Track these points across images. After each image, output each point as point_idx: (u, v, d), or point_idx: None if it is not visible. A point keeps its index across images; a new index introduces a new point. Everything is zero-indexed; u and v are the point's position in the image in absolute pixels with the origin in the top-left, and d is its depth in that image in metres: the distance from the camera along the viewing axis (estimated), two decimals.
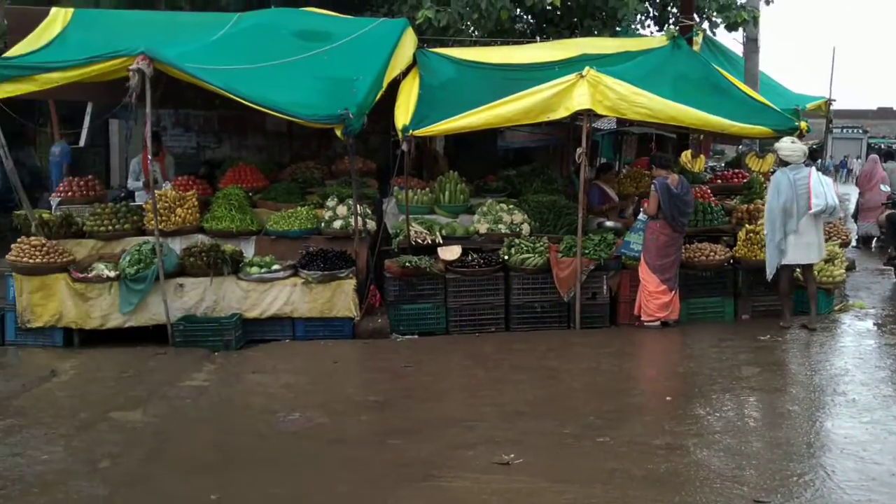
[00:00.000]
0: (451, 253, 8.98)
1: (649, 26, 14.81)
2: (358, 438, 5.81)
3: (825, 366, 7.45)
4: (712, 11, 12.82)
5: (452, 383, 7.37)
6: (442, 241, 9.17)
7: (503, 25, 11.87)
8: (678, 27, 11.19)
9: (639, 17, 14.10)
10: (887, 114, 54.79)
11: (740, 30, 12.59)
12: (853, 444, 5.40)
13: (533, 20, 14.10)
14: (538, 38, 13.42)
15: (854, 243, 13.82)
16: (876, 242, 15.14)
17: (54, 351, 8.30)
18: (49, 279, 8.32)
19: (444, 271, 8.86)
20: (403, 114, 8.67)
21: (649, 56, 9.72)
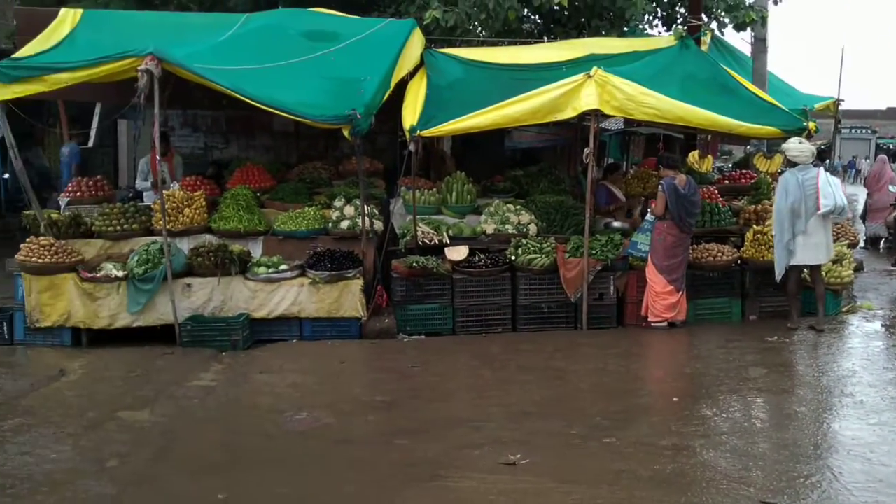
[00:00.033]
0: (458, 253, 8.99)
1: (657, 26, 14.80)
2: (365, 438, 5.82)
3: (833, 367, 7.43)
4: (720, 11, 12.78)
5: (459, 384, 7.38)
6: (449, 242, 9.17)
7: (511, 25, 11.86)
8: (686, 27, 11.18)
9: (647, 17, 14.08)
10: None
11: (748, 30, 12.56)
12: (860, 446, 5.39)
13: (540, 20, 14.09)
14: (546, 38, 13.41)
15: (862, 244, 13.81)
16: (884, 243, 15.12)
17: (63, 350, 8.34)
18: (58, 279, 8.35)
19: (451, 272, 8.87)
20: (411, 114, 8.67)
21: (657, 56, 9.71)
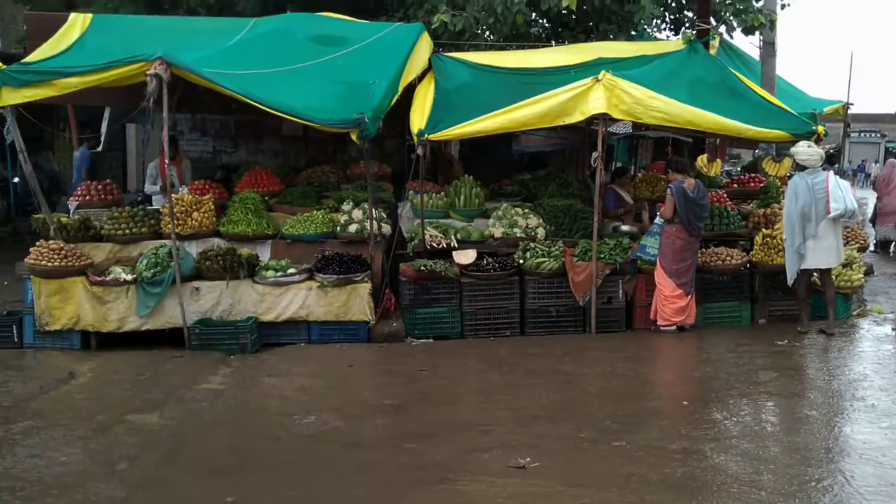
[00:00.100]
0: (466, 257, 8.98)
1: (665, 30, 14.80)
2: (373, 442, 5.81)
3: (843, 371, 7.40)
4: (729, 15, 12.77)
5: (467, 387, 7.36)
6: (457, 245, 9.16)
7: (519, 29, 11.87)
8: (695, 31, 11.16)
9: (655, 21, 14.09)
10: None
11: (757, 33, 12.54)
12: (872, 450, 5.36)
13: (549, 24, 14.11)
14: (554, 42, 13.42)
15: (872, 248, 13.74)
16: (894, 247, 15.07)
17: (72, 354, 8.36)
18: (67, 282, 8.37)
19: (459, 275, 8.86)
20: (419, 118, 8.68)
21: (665, 60, 9.69)
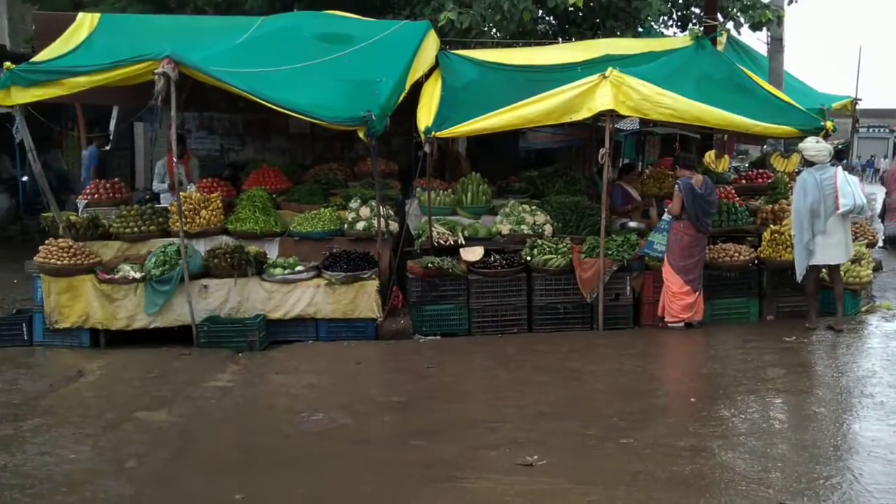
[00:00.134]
0: (473, 254, 8.98)
1: (672, 26, 14.75)
2: (381, 439, 5.83)
3: (852, 367, 7.37)
4: (736, 11, 12.72)
5: (475, 384, 7.37)
6: (464, 242, 9.16)
7: (525, 27, 11.85)
8: (702, 27, 11.12)
9: (662, 17, 14.04)
10: None
11: (764, 29, 12.49)
12: (881, 447, 5.34)
13: (555, 21, 14.07)
14: (560, 39, 13.39)
15: (881, 243, 13.68)
16: None
17: (81, 351, 8.40)
18: (76, 280, 8.41)
19: (466, 272, 8.86)
20: (426, 115, 8.68)
21: (673, 56, 9.67)
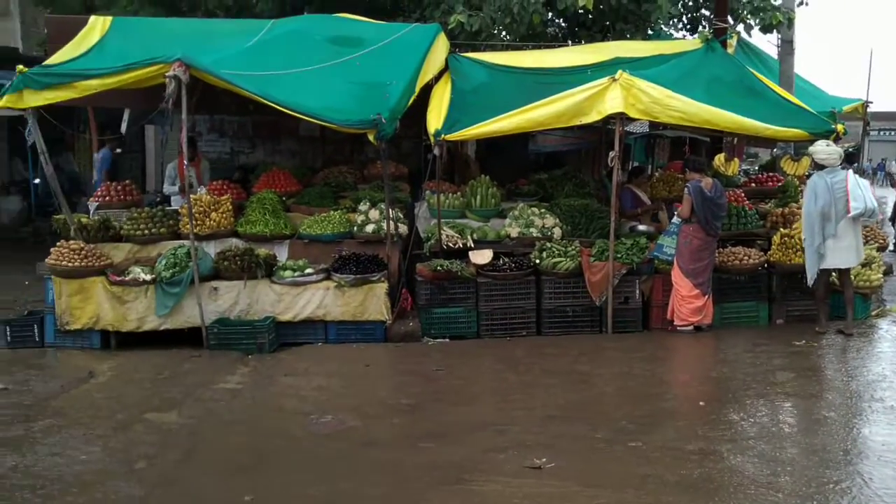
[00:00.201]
0: (482, 257, 8.99)
1: (682, 29, 14.72)
2: (390, 441, 5.84)
3: (862, 371, 7.35)
4: (746, 13, 12.69)
5: (484, 387, 7.37)
6: (473, 245, 9.16)
7: (535, 29, 11.84)
8: (712, 30, 11.10)
9: (672, 20, 14.02)
10: None
11: (775, 32, 12.45)
12: (891, 452, 5.32)
13: (565, 24, 14.05)
14: (570, 41, 13.38)
15: (891, 247, 13.62)
16: None
17: (92, 353, 8.44)
18: (87, 282, 8.45)
19: (475, 275, 8.87)
20: (435, 118, 8.69)
21: (682, 59, 9.65)
